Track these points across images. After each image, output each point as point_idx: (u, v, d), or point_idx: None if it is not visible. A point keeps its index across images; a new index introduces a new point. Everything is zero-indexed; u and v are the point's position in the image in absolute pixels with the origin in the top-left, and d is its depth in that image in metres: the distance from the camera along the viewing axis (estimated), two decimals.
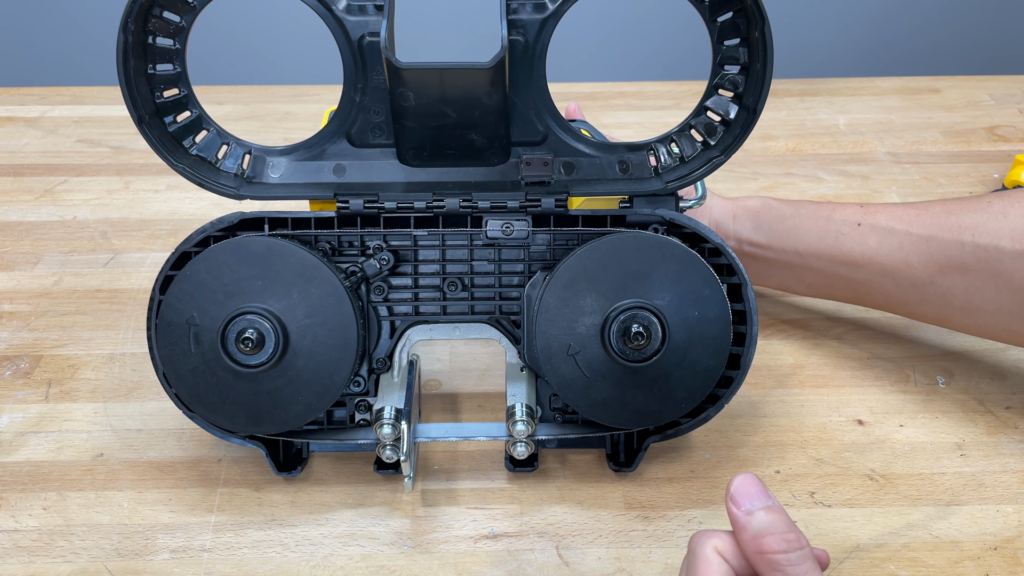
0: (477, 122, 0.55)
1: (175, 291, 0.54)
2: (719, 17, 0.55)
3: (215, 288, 0.54)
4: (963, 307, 0.62)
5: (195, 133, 0.57)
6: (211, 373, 0.55)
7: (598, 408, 0.56)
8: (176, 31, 0.54)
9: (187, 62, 0.56)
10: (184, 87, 0.56)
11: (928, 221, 0.63)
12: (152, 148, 0.56)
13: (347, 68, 0.55)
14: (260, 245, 0.54)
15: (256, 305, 0.54)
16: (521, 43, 0.55)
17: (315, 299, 0.55)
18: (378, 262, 0.57)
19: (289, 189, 0.57)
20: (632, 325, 0.54)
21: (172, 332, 0.55)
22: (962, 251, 0.61)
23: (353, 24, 0.54)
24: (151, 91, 0.55)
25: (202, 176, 0.57)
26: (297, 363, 0.55)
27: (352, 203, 0.56)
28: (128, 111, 0.54)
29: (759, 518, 0.44)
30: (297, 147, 0.58)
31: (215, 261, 0.54)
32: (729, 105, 0.57)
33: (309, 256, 0.55)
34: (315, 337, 0.55)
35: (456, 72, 0.51)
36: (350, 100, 0.56)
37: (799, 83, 1.12)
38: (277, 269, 0.54)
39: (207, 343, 0.54)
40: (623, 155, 0.58)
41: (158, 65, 0.55)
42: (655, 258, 0.55)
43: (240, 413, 0.55)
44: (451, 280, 0.59)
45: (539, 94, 0.56)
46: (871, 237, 0.65)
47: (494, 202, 0.57)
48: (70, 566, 0.55)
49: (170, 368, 0.55)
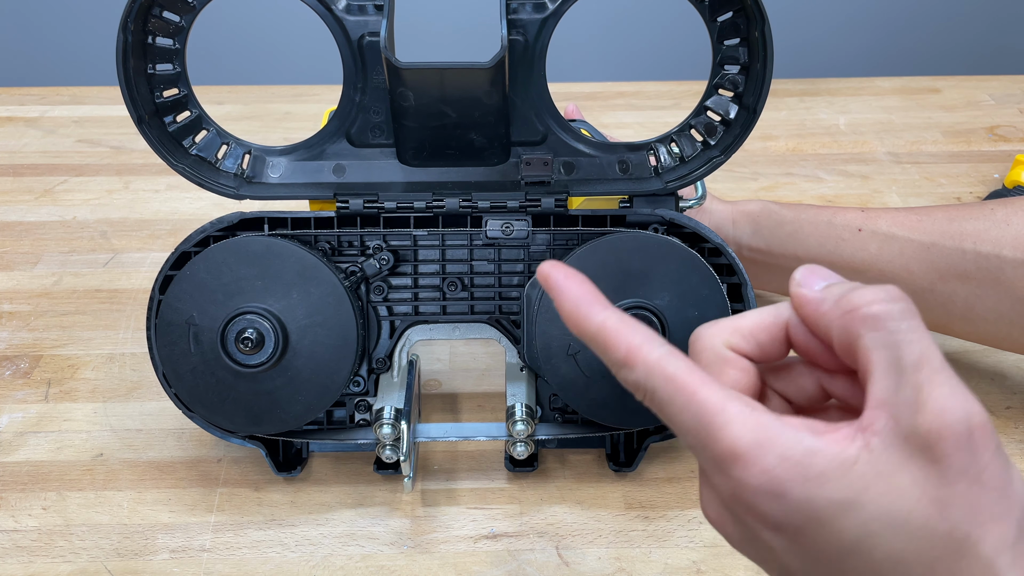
0: (477, 122, 0.55)
1: (175, 291, 0.54)
2: (719, 17, 0.55)
3: (214, 288, 0.54)
4: (963, 315, 0.62)
5: (195, 133, 0.57)
6: (211, 373, 0.55)
7: (598, 408, 0.56)
8: (176, 31, 0.54)
9: (187, 62, 0.56)
10: (184, 87, 0.56)
11: (930, 228, 0.63)
12: (152, 148, 0.56)
13: (347, 68, 0.55)
14: (260, 245, 0.54)
15: (256, 305, 0.54)
16: (521, 43, 0.55)
17: (315, 299, 0.55)
18: (378, 262, 0.57)
19: (289, 189, 0.57)
20: None
21: (172, 332, 0.55)
22: (963, 259, 0.61)
23: (353, 24, 0.54)
24: (151, 91, 0.55)
25: (202, 176, 0.57)
26: (297, 363, 0.55)
27: (352, 203, 0.56)
28: (128, 111, 0.54)
29: (839, 287, 0.35)
30: (297, 147, 0.58)
31: (215, 261, 0.54)
32: (729, 105, 0.57)
33: (309, 256, 0.55)
34: (315, 337, 0.55)
35: (456, 72, 0.51)
36: (350, 100, 0.56)
37: (799, 83, 1.12)
38: (277, 269, 0.54)
39: (207, 343, 0.54)
40: (623, 155, 0.58)
41: (158, 65, 0.55)
42: (655, 258, 0.55)
43: (240, 413, 0.55)
44: (451, 280, 0.59)
45: (539, 94, 0.56)
46: (872, 243, 0.65)
47: (494, 202, 0.57)
48: (70, 566, 0.55)
49: (170, 368, 0.55)
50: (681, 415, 0.33)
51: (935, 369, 0.32)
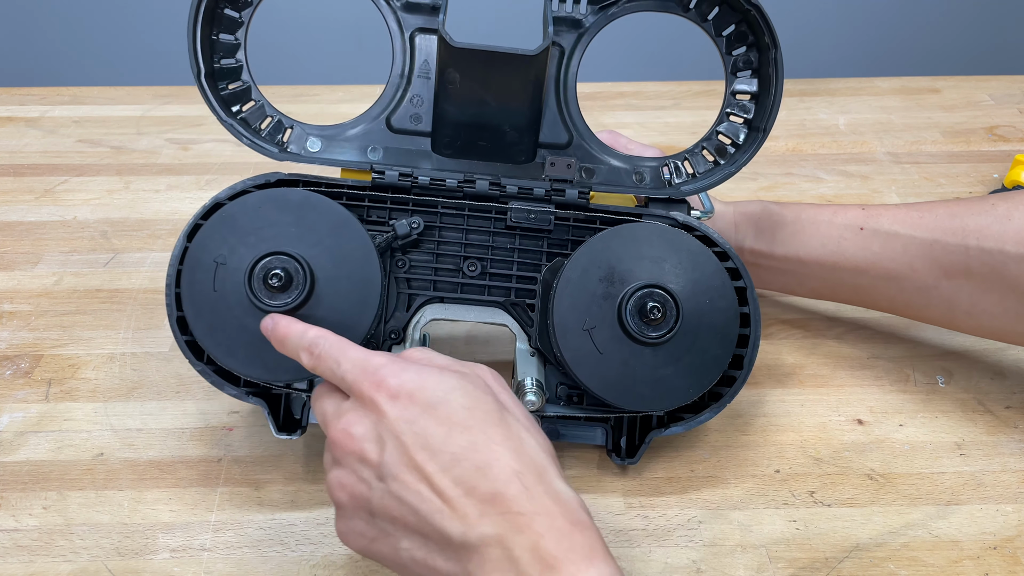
0: (512, 114, 0.59)
1: (207, 231, 0.56)
2: (734, 51, 0.60)
3: (249, 231, 0.56)
4: (968, 311, 0.62)
5: (244, 102, 0.61)
6: (230, 313, 0.55)
7: (608, 387, 0.57)
8: (244, 4, 0.60)
9: (248, 37, 0.60)
10: (241, 58, 0.60)
11: (932, 224, 0.63)
12: (205, 102, 0.59)
13: (396, 58, 0.61)
14: (298, 196, 0.57)
15: (288, 248, 0.56)
16: (558, 51, 0.60)
17: (344, 252, 0.56)
18: (409, 225, 0.59)
19: (327, 161, 0.61)
20: (648, 302, 0.56)
21: (196, 271, 0.56)
22: (967, 255, 0.61)
23: (408, 19, 0.60)
24: (211, 55, 0.59)
25: (247, 135, 0.60)
26: (318, 312, 0.56)
27: (388, 173, 0.60)
28: (190, 65, 0.58)
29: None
30: (338, 127, 0.61)
31: (251, 206, 0.56)
32: (740, 129, 0.62)
33: (344, 211, 0.57)
34: (339, 288, 0.56)
35: (503, 56, 0.55)
36: (395, 87, 0.61)
37: (799, 83, 1.12)
38: (311, 220, 0.56)
39: (231, 282, 0.55)
40: (639, 167, 0.62)
41: (221, 34, 0.59)
42: (671, 246, 0.58)
43: (254, 357, 0.56)
44: (471, 261, 0.61)
45: (569, 101, 0.61)
46: (874, 242, 0.65)
47: (521, 187, 0.60)
48: (70, 565, 0.55)
49: (189, 308, 0.56)
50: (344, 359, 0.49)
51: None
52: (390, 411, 0.45)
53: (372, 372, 0.47)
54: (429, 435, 0.44)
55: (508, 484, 0.43)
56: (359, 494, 0.46)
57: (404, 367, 0.47)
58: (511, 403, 0.48)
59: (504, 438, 0.44)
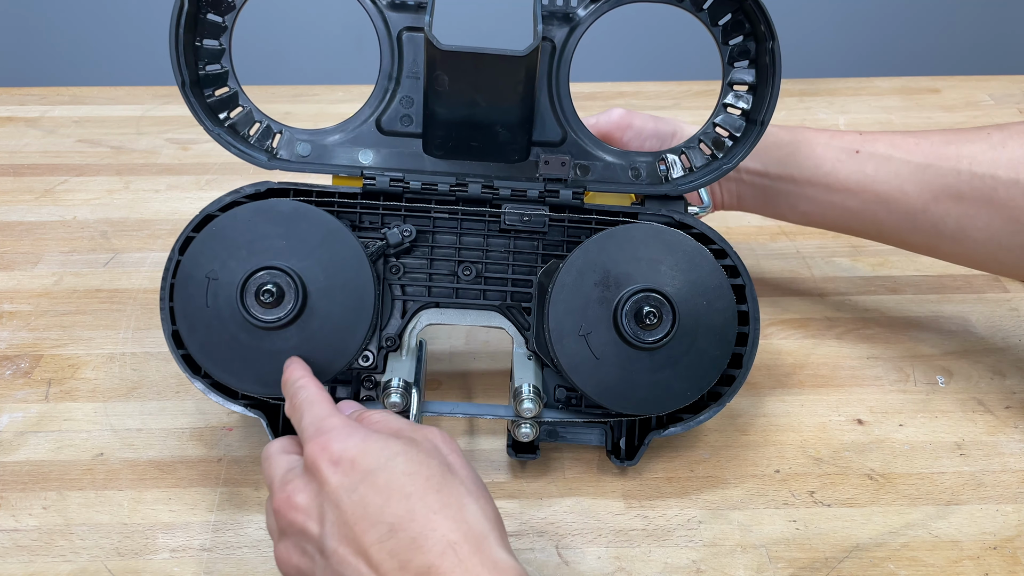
0: (504, 113, 0.58)
1: (197, 246, 0.56)
2: (731, 40, 0.59)
3: (239, 244, 0.56)
4: (953, 236, 0.63)
5: (231, 108, 0.60)
6: (224, 329, 0.55)
7: (605, 392, 0.57)
8: (226, 9, 0.58)
9: (232, 42, 0.59)
10: (226, 64, 0.59)
11: (927, 150, 0.63)
12: (191, 111, 0.58)
13: (384, 59, 0.59)
14: (288, 207, 0.56)
15: (278, 262, 0.55)
16: (549, 46, 0.58)
17: (337, 262, 0.56)
18: (400, 233, 0.59)
19: (316, 167, 0.60)
20: (644, 307, 0.56)
21: (189, 286, 0.56)
22: (958, 179, 0.61)
23: (394, 18, 0.59)
24: (196, 62, 0.59)
25: (234, 144, 0.59)
26: (313, 324, 0.56)
27: (379, 180, 0.59)
28: (173, 75, 0.57)
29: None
30: (327, 131, 0.60)
31: (241, 219, 0.56)
32: (737, 121, 0.61)
33: (334, 221, 0.57)
34: (333, 299, 0.56)
35: (491, 58, 0.54)
36: (383, 89, 0.60)
37: (799, 83, 1.12)
38: (302, 231, 0.56)
39: (224, 298, 0.55)
40: (636, 162, 0.61)
41: (205, 40, 0.58)
42: (667, 248, 0.57)
43: (249, 372, 0.56)
44: (465, 265, 0.60)
45: (562, 97, 0.60)
46: (868, 164, 0.65)
47: (515, 189, 0.59)
48: (70, 565, 0.55)
49: (183, 323, 0.56)
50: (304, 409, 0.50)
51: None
52: (331, 479, 0.45)
53: (321, 434, 0.47)
54: (367, 503, 0.44)
55: (442, 556, 0.42)
56: (304, 568, 0.46)
57: (351, 432, 0.47)
58: (459, 465, 0.47)
59: (442, 505, 0.44)
